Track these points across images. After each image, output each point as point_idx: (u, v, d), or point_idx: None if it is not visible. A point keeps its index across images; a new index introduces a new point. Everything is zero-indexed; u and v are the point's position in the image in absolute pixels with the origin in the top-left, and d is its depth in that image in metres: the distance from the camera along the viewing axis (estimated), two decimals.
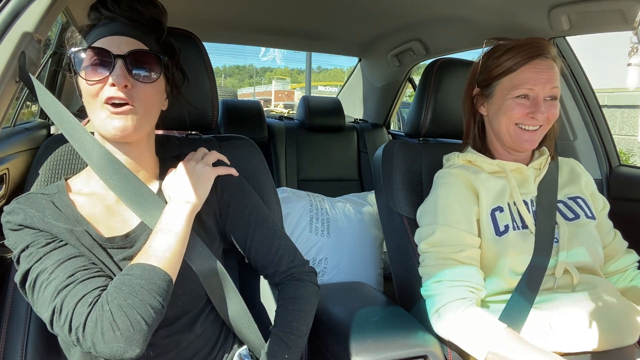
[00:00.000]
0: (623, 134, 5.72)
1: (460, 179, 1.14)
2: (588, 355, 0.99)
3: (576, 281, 1.06)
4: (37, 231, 0.79)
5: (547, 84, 1.10)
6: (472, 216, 1.10)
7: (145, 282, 0.74)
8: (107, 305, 0.72)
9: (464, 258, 1.06)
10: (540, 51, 1.11)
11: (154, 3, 0.91)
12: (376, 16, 1.98)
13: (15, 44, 0.73)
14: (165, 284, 0.76)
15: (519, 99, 1.12)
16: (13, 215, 0.80)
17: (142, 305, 0.73)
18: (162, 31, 0.91)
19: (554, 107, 1.12)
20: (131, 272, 0.75)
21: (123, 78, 0.80)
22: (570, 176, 1.24)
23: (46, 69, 1.53)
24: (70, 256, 0.78)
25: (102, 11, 0.85)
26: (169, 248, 0.80)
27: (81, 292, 0.74)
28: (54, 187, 0.87)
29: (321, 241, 1.89)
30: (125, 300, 0.72)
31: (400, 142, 1.41)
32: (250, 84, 44.06)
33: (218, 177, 0.96)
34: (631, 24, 1.14)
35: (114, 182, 0.84)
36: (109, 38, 0.83)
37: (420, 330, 1.07)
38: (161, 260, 0.78)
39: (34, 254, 0.77)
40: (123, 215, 0.88)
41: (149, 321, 0.73)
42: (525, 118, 1.11)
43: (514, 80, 1.12)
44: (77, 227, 0.83)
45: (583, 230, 1.11)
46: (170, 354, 0.86)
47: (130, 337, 0.71)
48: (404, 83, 2.71)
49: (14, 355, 0.90)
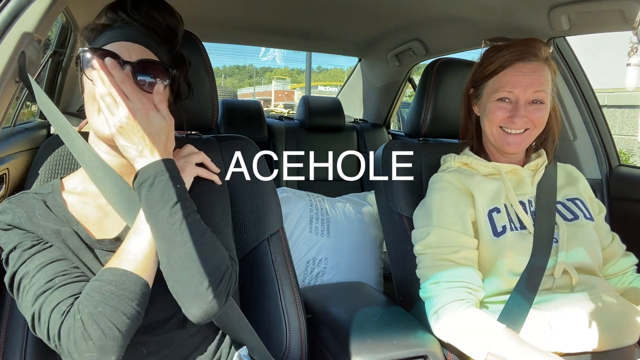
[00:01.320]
0: (623, 134, 5.71)
1: (453, 183, 1.15)
2: (588, 355, 0.99)
3: (575, 281, 1.06)
4: (24, 232, 0.79)
5: (529, 88, 1.09)
6: (466, 218, 1.10)
7: (116, 289, 0.72)
8: (78, 314, 0.70)
9: (460, 259, 1.06)
10: (525, 54, 1.10)
11: (172, 12, 0.91)
12: (376, 16, 1.98)
13: (15, 44, 0.73)
14: (139, 288, 0.74)
15: (500, 102, 1.12)
16: (3, 215, 0.80)
17: (114, 313, 0.71)
18: (176, 43, 0.90)
19: (539, 111, 1.10)
20: (102, 278, 0.74)
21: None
22: (568, 179, 1.24)
23: (46, 69, 1.53)
24: (53, 260, 0.78)
25: (119, 13, 0.85)
26: (142, 251, 0.77)
27: (56, 300, 0.73)
28: (49, 186, 0.87)
29: (321, 241, 1.89)
30: (95, 309, 0.70)
31: (400, 142, 1.41)
32: (250, 84, 44.04)
33: (198, 178, 0.93)
34: (631, 24, 1.14)
35: (104, 186, 0.84)
36: (122, 43, 0.82)
37: (420, 330, 1.07)
38: (134, 263, 0.75)
39: (20, 256, 0.77)
40: (115, 215, 0.87)
41: (122, 328, 0.71)
42: (506, 121, 1.11)
43: (496, 83, 1.13)
44: (66, 227, 0.82)
45: (582, 231, 1.11)
46: (163, 351, 0.86)
47: (103, 346, 0.70)
48: (404, 83, 2.71)
49: (14, 355, 0.90)
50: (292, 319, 1.09)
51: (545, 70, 1.11)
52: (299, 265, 1.85)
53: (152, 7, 0.87)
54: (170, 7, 0.92)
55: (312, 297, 1.28)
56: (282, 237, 1.16)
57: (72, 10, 1.43)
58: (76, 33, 1.50)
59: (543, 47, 1.12)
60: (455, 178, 1.16)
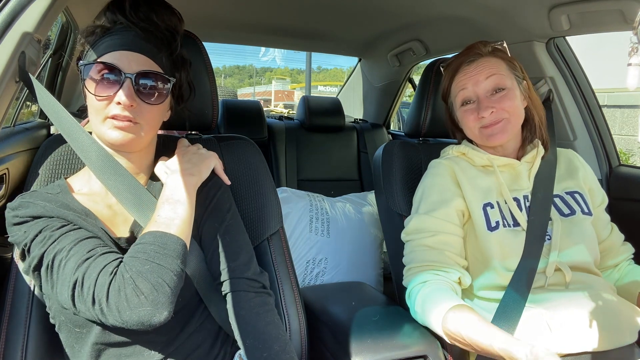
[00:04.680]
0: (623, 134, 5.71)
1: (446, 170, 1.18)
2: (588, 355, 0.99)
3: (569, 279, 1.06)
4: (49, 218, 0.79)
5: (480, 81, 1.13)
6: (451, 205, 1.12)
7: (159, 248, 0.75)
8: (127, 273, 0.73)
9: (433, 243, 1.10)
10: (465, 56, 1.18)
11: (172, 11, 0.91)
12: (376, 16, 1.98)
13: (15, 44, 0.73)
14: (179, 247, 0.77)
15: (465, 107, 1.17)
16: (21, 209, 0.80)
17: (161, 270, 0.74)
18: (176, 47, 0.90)
19: (506, 98, 1.12)
20: (143, 240, 0.76)
21: (130, 98, 0.81)
22: (568, 169, 1.23)
23: (46, 69, 1.53)
24: (87, 236, 0.79)
25: (118, 16, 0.85)
26: (178, 216, 0.80)
27: (102, 263, 0.74)
28: (56, 187, 0.87)
29: (321, 241, 1.89)
30: (143, 266, 0.73)
31: (400, 142, 1.41)
32: (250, 84, 44.02)
33: (212, 176, 0.96)
34: (631, 24, 1.14)
35: (111, 182, 0.84)
36: (121, 53, 0.83)
37: (420, 330, 1.07)
38: (171, 227, 0.78)
39: (49, 237, 0.77)
40: (124, 213, 0.88)
41: (170, 284, 0.74)
42: (477, 120, 1.15)
43: (454, 91, 1.20)
44: (90, 219, 0.83)
45: (578, 228, 1.11)
46: (168, 349, 0.86)
47: (155, 300, 0.72)
48: (404, 83, 2.71)
49: (14, 355, 0.90)
50: (292, 318, 1.09)
51: (492, 60, 1.16)
52: (299, 265, 1.85)
53: (151, 9, 0.87)
54: (170, 6, 0.92)
55: (312, 297, 1.28)
56: (282, 237, 1.16)
57: (72, 10, 1.43)
58: (76, 33, 1.50)
59: (482, 45, 1.18)
60: (449, 166, 1.18)
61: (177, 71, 0.92)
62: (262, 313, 0.90)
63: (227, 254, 0.92)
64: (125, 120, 0.82)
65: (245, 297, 0.90)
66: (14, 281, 0.93)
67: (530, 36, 1.56)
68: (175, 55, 0.91)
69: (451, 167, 1.18)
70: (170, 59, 0.90)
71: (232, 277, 0.91)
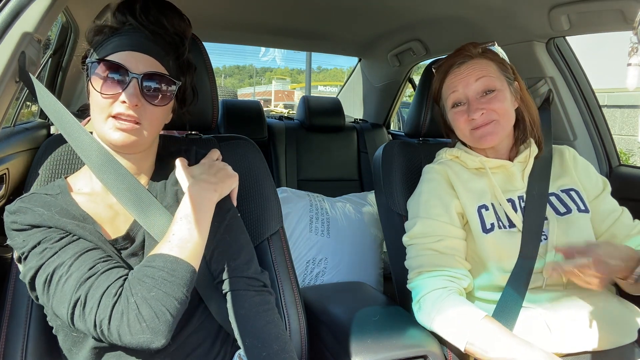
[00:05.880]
0: (623, 134, 5.71)
1: (441, 174, 1.18)
2: (587, 355, 0.99)
3: (566, 279, 1.05)
4: (47, 228, 0.79)
5: (470, 84, 1.14)
6: (452, 208, 1.12)
7: (168, 275, 0.75)
8: (132, 298, 0.73)
9: (442, 248, 1.09)
10: (455, 58, 1.18)
11: (181, 15, 0.91)
12: (376, 16, 1.98)
13: (15, 44, 0.73)
14: (188, 275, 0.77)
15: (456, 109, 1.17)
16: (20, 215, 0.79)
17: (166, 298, 0.74)
18: (183, 51, 0.91)
19: (496, 100, 1.12)
20: (154, 264, 0.76)
21: (135, 98, 0.81)
22: (562, 166, 1.22)
23: (46, 69, 1.53)
24: (87, 249, 0.79)
25: (128, 17, 0.85)
26: (192, 238, 0.79)
27: (105, 284, 0.74)
28: (56, 187, 0.87)
29: (321, 241, 1.89)
30: (149, 293, 0.73)
31: (400, 142, 1.41)
32: (250, 84, 44.02)
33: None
34: (631, 24, 1.14)
35: (111, 183, 0.84)
36: (129, 53, 0.83)
37: (420, 330, 1.07)
38: (184, 251, 0.78)
39: (48, 249, 0.77)
40: (125, 212, 0.88)
41: (173, 312, 0.74)
42: (468, 122, 1.15)
43: (445, 93, 1.21)
44: (88, 224, 0.83)
45: (574, 227, 1.10)
46: (169, 349, 0.86)
47: (155, 328, 0.72)
48: (404, 83, 2.71)
49: (14, 355, 0.90)
50: (292, 318, 1.09)
51: (482, 62, 1.16)
52: (299, 265, 1.85)
53: (161, 12, 0.87)
54: (179, 11, 0.92)
55: (312, 297, 1.28)
56: (282, 237, 1.16)
57: (72, 10, 1.43)
58: (77, 33, 1.50)
59: (472, 47, 1.18)
60: (443, 171, 1.18)
61: (182, 75, 0.92)
62: (262, 312, 0.90)
63: (228, 254, 0.92)
64: (129, 120, 0.82)
65: (245, 296, 0.90)
66: (14, 281, 0.93)
67: (531, 36, 1.57)
68: (182, 59, 0.91)
69: (445, 171, 1.18)
70: (177, 63, 0.90)
71: (233, 276, 0.91)
